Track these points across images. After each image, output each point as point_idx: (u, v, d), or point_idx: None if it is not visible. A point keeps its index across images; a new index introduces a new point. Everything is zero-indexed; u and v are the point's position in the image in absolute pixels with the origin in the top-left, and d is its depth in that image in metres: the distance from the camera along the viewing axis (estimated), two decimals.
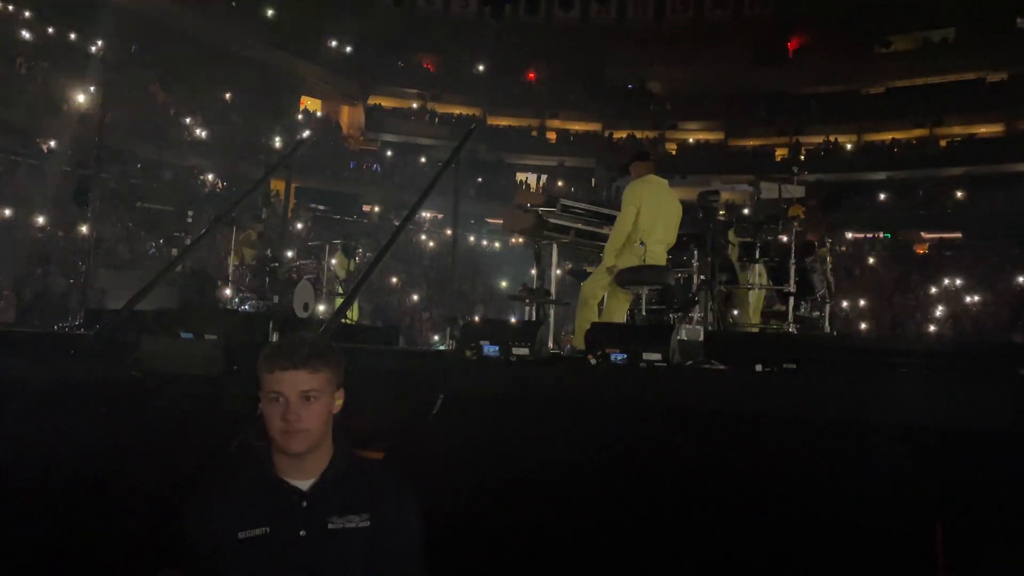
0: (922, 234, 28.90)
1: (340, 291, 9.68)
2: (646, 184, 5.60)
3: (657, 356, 3.37)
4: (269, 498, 1.74)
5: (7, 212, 15.91)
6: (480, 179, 32.35)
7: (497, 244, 24.99)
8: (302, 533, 1.70)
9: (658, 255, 5.63)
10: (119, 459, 3.07)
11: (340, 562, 1.72)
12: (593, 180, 32.66)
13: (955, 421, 2.77)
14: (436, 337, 16.30)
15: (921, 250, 28.31)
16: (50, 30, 23.97)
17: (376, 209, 28.82)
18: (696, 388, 3.13)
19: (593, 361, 3.49)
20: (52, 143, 21.66)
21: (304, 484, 1.76)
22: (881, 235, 29.35)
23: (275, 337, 3.40)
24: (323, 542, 1.71)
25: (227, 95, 28.66)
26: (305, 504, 1.74)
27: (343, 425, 3.54)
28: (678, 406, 2.99)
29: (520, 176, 34.62)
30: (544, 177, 34.44)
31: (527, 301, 6.41)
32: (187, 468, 2.63)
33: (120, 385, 3.41)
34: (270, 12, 30.02)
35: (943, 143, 31.19)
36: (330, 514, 1.74)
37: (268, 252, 8.39)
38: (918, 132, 31.61)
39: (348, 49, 32.58)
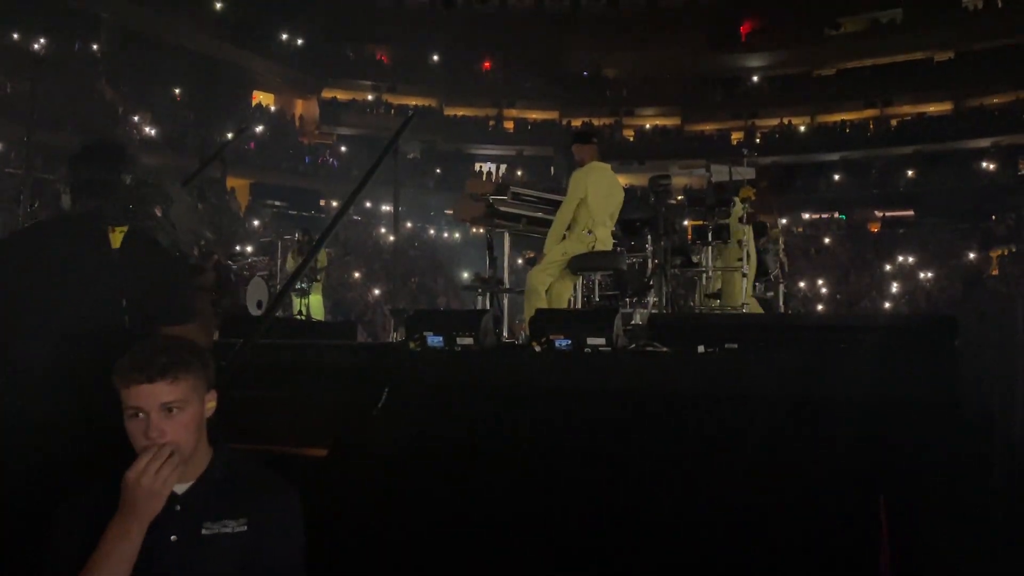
0: (876, 212, 29.40)
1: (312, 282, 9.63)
2: (591, 173, 5.58)
3: (601, 341, 3.35)
4: None
5: None
6: (439, 170, 32.19)
7: (457, 235, 24.91)
8: (173, 538, 1.63)
9: (604, 239, 5.63)
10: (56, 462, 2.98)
11: (213, 569, 1.64)
12: (552, 168, 32.68)
13: (894, 394, 2.79)
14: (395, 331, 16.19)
15: (875, 228, 28.81)
16: None
17: (334, 203, 28.53)
18: (638, 371, 3.12)
19: (538, 348, 3.46)
20: None
21: (180, 488, 1.69)
22: (836, 215, 29.82)
23: (215, 335, 3.32)
24: (195, 548, 1.63)
25: (177, 91, 28.11)
26: (179, 508, 1.66)
27: (289, 421, 3.47)
28: (621, 389, 2.98)
29: (480, 166, 34.52)
30: (504, 166, 34.37)
31: (480, 291, 6.38)
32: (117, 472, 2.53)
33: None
34: (219, 5, 29.46)
35: (894, 122, 31.76)
36: (205, 519, 1.66)
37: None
38: (869, 112, 32.15)
39: (300, 41, 32.10)
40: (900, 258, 23.73)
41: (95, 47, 26.57)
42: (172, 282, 2.32)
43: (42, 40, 23.64)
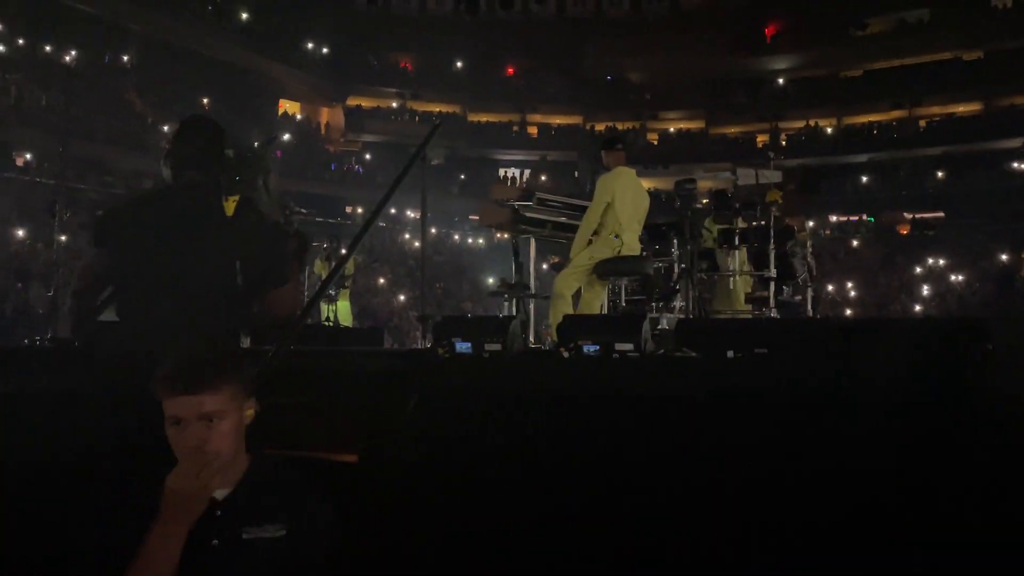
0: (904, 215, 29.04)
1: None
2: (617, 178, 5.59)
3: (629, 346, 3.34)
4: None
5: None
6: (463, 176, 32.29)
7: (482, 240, 24.96)
8: (215, 543, 1.65)
9: (632, 244, 5.63)
10: (84, 469, 3.03)
11: (252, 573, 1.66)
12: (576, 173, 32.66)
13: (927, 398, 2.76)
14: (421, 337, 16.24)
15: (904, 231, 28.46)
16: (21, 42, 23.74)
17: (360, 210, 28.71)
18: (667, 376, 3.12)
19: (566, 354, 3.47)
20: (28, 156, 21.49)
21: (220, 493, 1.71)
22: (864, 217, 29.49)
23: (247, 342, 3.36)
24: (236, 552, 1.66)
25: (204, 101, 28.46)
26: (219, 513, 1.69)
27: (315, 426, 3.50)
28: (650, 395, 2.98)
29: (503, 172, 34.59)
30: (527, 171, 34.40)
31: (506, 296, 6.40)
32: (156, 479, 2.58)
33: (85, 396, 3.36)
34: (245, 15, 29.82)
35: (922, 123, 31.35)
36: (245, 524, 1.68)
37: None
38: (897, 113, 31.76)
39: (325, 50, 32.40)
40: (930, 260, 23.41)
41: (125, 58, 27.01)
42: (275, 247, 2.51)
43: (73, 52, 24.08)
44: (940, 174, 29.75)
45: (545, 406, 3.19)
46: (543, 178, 32.48)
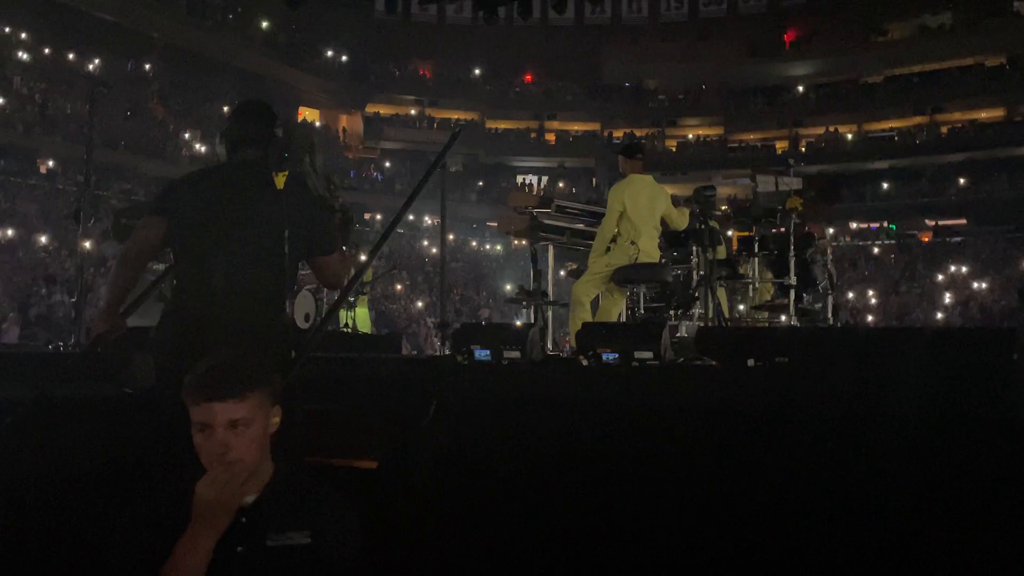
0: (926, 222, 28.77)
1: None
2: (628, 185, 5.59)
3: (649, 354, 3.33)
4: None
5: (10, 232, 16.01)
6: (481, 183, 32.36)
7: (499, 247, 25.00)
8: (239, 549, 1.66)
9: (650, 250, 5.61)
10: (109, 475, 3.06)
11: None
12: (594, 180, 32.63)
13: (950, 410, 2.73)
14: (439, 344, 16.25)
15: (926, 238, 28.20)
16: (47, 51, 24.10)
17: (379, 217, 28.85)
18: (687, 386, 3.10)
19: (585, 362, 3.46)
20: (51, 163, 21.78)
21: (245, 500, 1.72)
22: (885, 224, 29.26)
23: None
24: (261, 559, 1.66)
25: (225, 108, 28.74)
26: (244, 520, 1.69)
27: (335, 432, 3.52)
28: (669, 405, 2.97)
29: (521, 179, 34.62)
30: (545, 178, 34.42)
31: (524, 303, 6.39)
32: (182, 482, 2.60)
33: (110, 401, 3.40)
34: (265, 24, 30.09)
35: (944, 130, 31.06)
36: (270, 531, 1.68)
37: None
38: (918, 119, 31.50)
39: (344, 58, 32.64)
40: (952, 268, 23.18)
41: (147, 67, 27.34)
42: (321, 219, 2.80)
43: (96, 61, 24.40)
44: (962, 181, 29.47)
45: (564, 414, 3.19)
46: (561, 185, 32.48)
